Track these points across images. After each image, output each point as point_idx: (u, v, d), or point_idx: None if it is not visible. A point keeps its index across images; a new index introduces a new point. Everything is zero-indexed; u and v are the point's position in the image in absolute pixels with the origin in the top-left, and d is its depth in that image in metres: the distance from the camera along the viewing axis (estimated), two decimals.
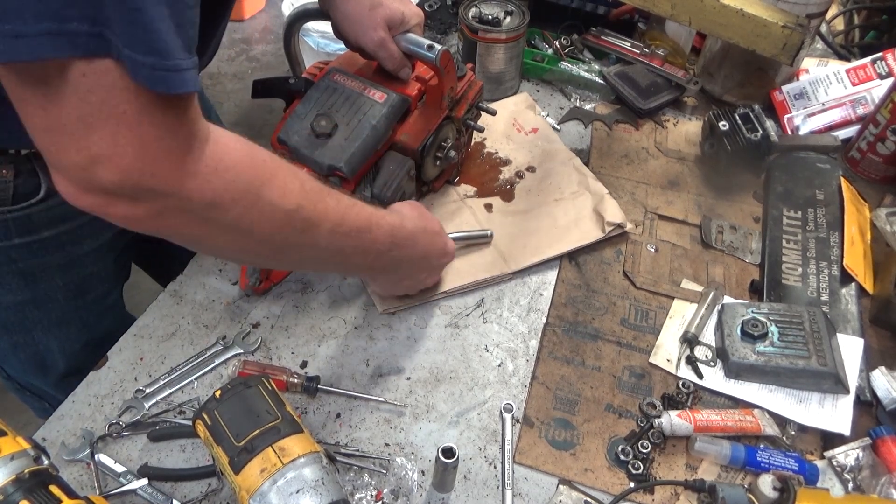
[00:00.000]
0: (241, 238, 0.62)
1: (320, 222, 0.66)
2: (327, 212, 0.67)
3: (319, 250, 0.70)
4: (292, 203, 0.63)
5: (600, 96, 1.31)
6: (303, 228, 0.65)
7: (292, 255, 0.70)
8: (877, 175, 1.16)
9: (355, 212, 0.72)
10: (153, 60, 0.48)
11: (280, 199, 0.62)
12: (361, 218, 0.73)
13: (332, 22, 0.94)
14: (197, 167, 0.55)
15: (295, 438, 0.66)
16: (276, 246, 0.66)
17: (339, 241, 0.70)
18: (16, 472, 0.57)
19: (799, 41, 1.08)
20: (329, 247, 0.70)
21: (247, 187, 0.59)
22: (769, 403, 0.86)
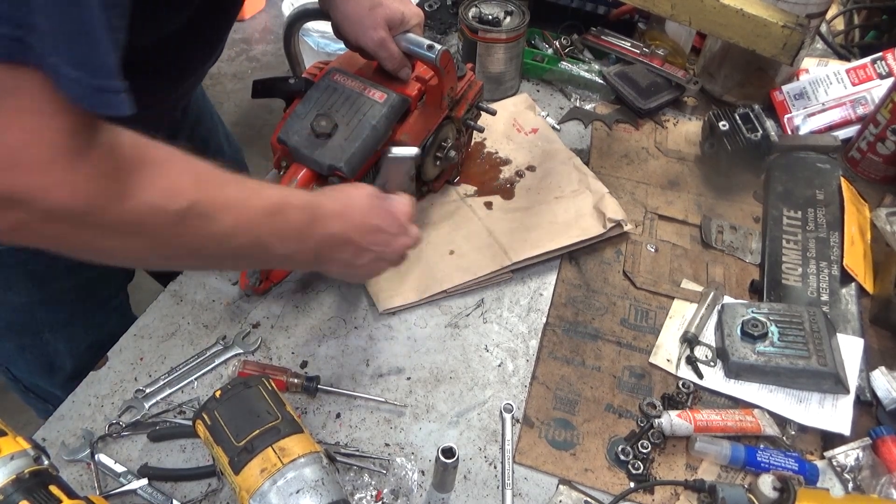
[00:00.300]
0: (129, 241, 0.59)
1: (220, 214, 0.62)
2: (228, 202, 0.63)
3: (230, 243, 0.65)
4: (183, 201, 0.59)
5: (600, 96, 1.31)
6: (201, 224, 0.61)
7: (200, 253, 0.66)
8: (877, 175, 1.16)
9: (263, 195, 0.68)
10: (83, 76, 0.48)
11: (165, 201, 0.58)
12: (270, 200, 0.68)
13: (332, 22, 0.94)
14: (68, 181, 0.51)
15: (295, 438, 0.66)
16: (177, 247, 0.63)
17: (249, 230, 0.66)
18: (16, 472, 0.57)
19: (799, 41, 1.08)
20: (240, 237, 0.65)
21: (124, 191, 0.55)
22: (769, 403, 0.86)
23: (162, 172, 0.58)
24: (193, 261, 0.71)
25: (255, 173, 1.41)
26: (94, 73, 0.48)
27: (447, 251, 1.01)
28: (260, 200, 0.67)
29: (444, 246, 1.02)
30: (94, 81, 0.48)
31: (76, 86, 0.47)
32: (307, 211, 0.72)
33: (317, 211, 0.73)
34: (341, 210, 0.75)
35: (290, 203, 0.70)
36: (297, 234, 0.71)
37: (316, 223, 0.72)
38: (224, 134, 1.31)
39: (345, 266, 0.78)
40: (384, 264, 0.82)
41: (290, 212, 0.70)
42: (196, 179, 0.61)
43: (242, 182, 0.67)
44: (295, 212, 0.70)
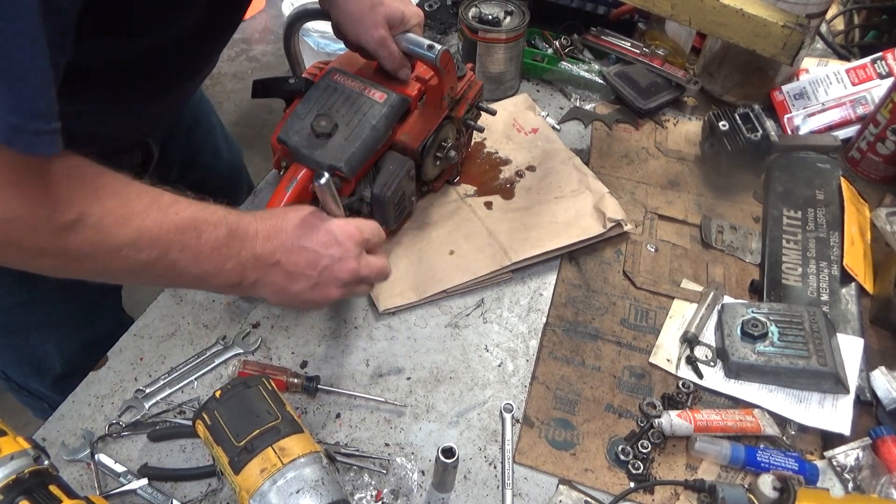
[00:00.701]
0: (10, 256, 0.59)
1: (117, 227, 0.60)
2: (127, 214, 0.61)
3: (130, 258, 0.62)
4: (72, 213, 0.57)
5: (600, 96, 1.31)
6: (92, 237, 0.59)
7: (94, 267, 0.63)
8: (877, 175, 1.16)
9: (176, 210, 0.64)
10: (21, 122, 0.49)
11: (49, 210, 0.56)
12: (182, 216, 0.64)
13: (332, 21, 0.94)
14: None
15: (295, 438, 0.66)
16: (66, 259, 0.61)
17: (152, 245, 0.63)
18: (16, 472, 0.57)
19: (799, 41, 1.08)
20: (140, 252, 0.62)
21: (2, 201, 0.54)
22: (769, 403, 0.86)
23: (55, 182, 0.56)
24: (81, 274, 0.66)
25: (256, 173, 1.42)
26: (31, 118, 0.50)
27: (447, 251, 1.01)
28: (169, 216, 0.64)
29: (444, 246, 1.02)
30: (31, 125, 0.50)
31: (12, 131, 0.49)
32: (226, 229, 0.68)
33: (238, 230, 0.69)
34: (268, 230, 0.71)
35: (207, 220, 0.67)
36: (212, 253, 0.67)
37: (236, 242, 0.68)
38: (223, 136, 1.31)
39: (278, 291, 0.73)
40: (330, 291, 0.75)
41: (206, 229, 0.66)
42: (93, 191, 0.59)
43: (155, 196, 0.64)
44: (211, 229, 0.66)
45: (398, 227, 1.04)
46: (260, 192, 1.11)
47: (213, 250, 0.67)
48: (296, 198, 0.89)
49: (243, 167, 1.39)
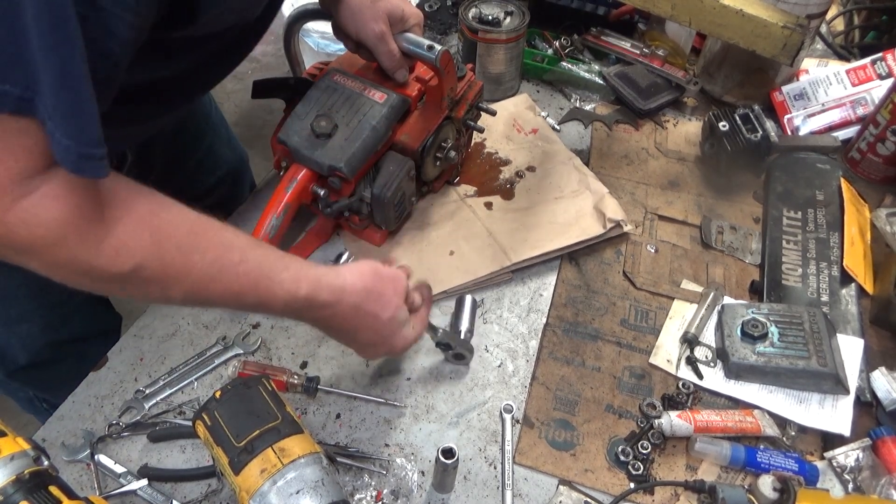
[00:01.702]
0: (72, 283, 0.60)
1: (173, 283, 0.61)
2: (188, 273, 0.61)
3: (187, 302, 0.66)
4: (128, 264, 0.58)
5: (600, 97, 1.31)
6: (147, 289, 0.61)
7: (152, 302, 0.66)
8: (877, 175, 1.16)
9: (237, 272, 0.64)
10: (73, 145, 0.52)
11: (108, 263, 0.58)
12: (242, 282, 0.64)
13: (332, 17, 0.94)
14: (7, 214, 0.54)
15: (295, 439, 0.66)
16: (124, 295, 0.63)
17: (207, 303, 0.65)
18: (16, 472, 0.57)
19: (799, 41, 1.08)
20: (194, 303, 0.66)
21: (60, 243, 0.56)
22: (769, 404, 0.86)
23: (111, 230, 0.57)
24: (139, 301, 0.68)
25: (256, 174, 1.42)
26: (83, 143, 0.53)
27: (447, 252, 1.01)
28: (229, 278, 0.63)
29: (445, 246, 1.02)
30: (82, 150, 0.53)
31: (65, 152, 0.52)
32: (284, 305, 0.67)
33: (299, 309, 0.69)
34: (341, 323, 0.73)
35: (269, 291, 0.66)
36: (267, 312, 0.71)
37: (291, 315, 0.70)
38: (225, 138, 1.30)
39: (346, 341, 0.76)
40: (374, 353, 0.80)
41: (263, 299, 0.66)
42: (155, 241, 0.60)
43: (223, 248, 0.64)
44: (267, 300, 0.66)
45: (398, 228, 1.04)
46: (260, 192, 1.11)
47: (285, 306, 0.68)
48: (296, 198, 0.89)
49: (246, 168, 1.38)
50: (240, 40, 0.85)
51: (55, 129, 0.52)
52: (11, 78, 0.50)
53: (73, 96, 0.52)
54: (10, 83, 0.50)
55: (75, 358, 1.04)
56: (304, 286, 0.68)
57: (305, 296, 0.68)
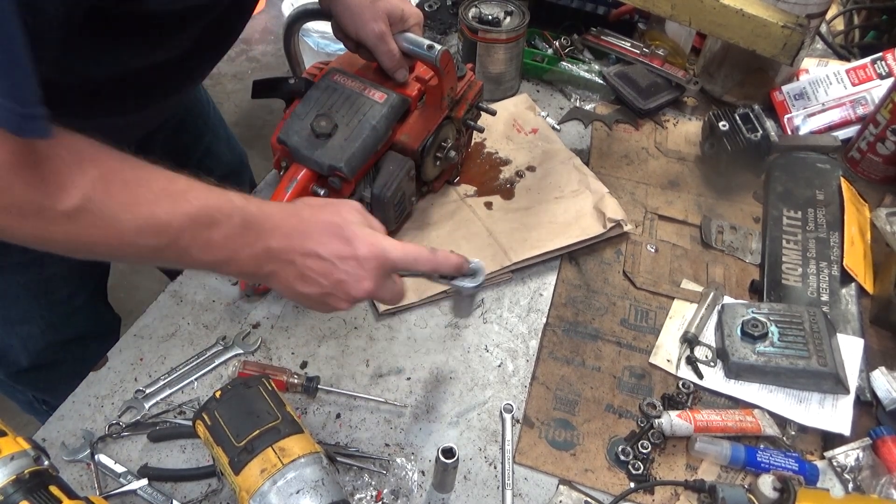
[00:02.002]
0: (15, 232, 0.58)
1: (122, 214, 0.60)
2: (134, 201, 0.60)
3: (136, 244, 0.62)
4: (74, 199, 0.57)
5: (600, 96, 1.31)
6: (95, 224, 0.59)
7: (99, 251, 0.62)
8: (877, 175, 1.16)
9: (189, 198, 0.63)
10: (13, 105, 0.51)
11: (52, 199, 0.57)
12: (194, 205, 0.63)
13: (332, 17, 0.94)
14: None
15: (295, 439, 0.66)
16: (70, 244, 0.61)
17: (160, 233, 0.62)
18: (16, 472, 0.57)
19: (799, 41, 1.08)
20: (147, 239, 0.62)
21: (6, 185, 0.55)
22: (769, 404, 0.86)
23: (59, 168, 0.57)
24: (102, 257, 0.67)
25: (256, 174, 1.42)
26: (20, 102, 0.52)
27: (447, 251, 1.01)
28: (180, 204, 0.62)
29: (445, 246, 1.02)
30: (21, 110, 0.52)
31: (5, 112, 0.51)
32: (241, 219, 0.66)
33: (254, 222, 0.67)
34: (288, 228, 0.69)
35: (221, 209, 0.65)
36: (224, 242, 0.65)
37: (250, 234, 0.67)
38: (224, 137, 1.30)
39: (288, 288, 0.70)
40: (339, 304, 0.71)
41: (219, 219, 0.65)
42: (99, 176, 0.59)
43: (167, 182, 0.63)
44: (225, 219, 0.65)
45: (398, 228, 1.04)
46: (260, 192, 1.11)
47: (226, 240, 0.65)
48: (296, 197, 0.89)
49: (246, 168, 1.39)
50: (221, 23, 0.83)
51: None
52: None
53: (5, 56, 0.50)
54: None
55: (75, 359, 1.04)
56: (255, 202, 0.67)
57: (258, 208, 0.67)
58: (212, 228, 0.64)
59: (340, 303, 0.71)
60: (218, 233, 0.64)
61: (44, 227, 0.58)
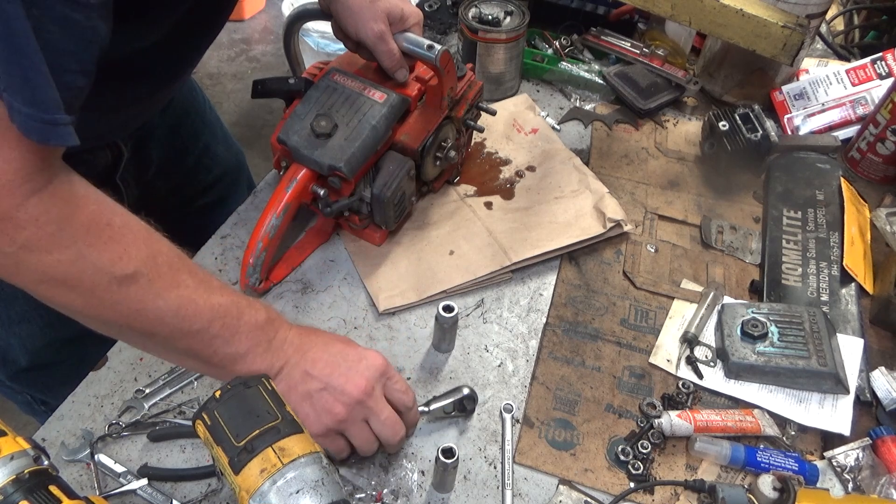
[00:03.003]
0: (62, 291, 0.62)
1: (167, 291, 0.64)
2: (177, 281, 0.65)
3: (172, 324, 0.66)
4: (129, 268, 0.61)
5: (600, 96, 1.31)
6: (143, 295, 0.63)
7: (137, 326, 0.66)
8: (877, 175, 1.16)
9: (219, 293, 0.68)
10: (30, 111, 0.52)
11: (110, 263, 0.61)
12: (226, 299, 0.68)
13: (332, 17, 0.94)
14: (16, 211, 0.55)
15: (295, 439, 0.66)
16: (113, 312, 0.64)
17: (196, 315, 0.66)
18: (15, 472, 0.57)
19: (799, 41, 1.08)
20: (183, 321, 0.66)
21: (69, 242, 0.58)
22: (769, 404, 0.86)
23: (114, 236, 0.61)
24: (131, 335, 0.70)
25: (256, 173, 1.42)
26: (43, 108, 0.53)
27: (447, 251, 1.01)
28: (214, 295, 0.67)
29: (444, 246, 1.02)
30: (45, 115, 0.53)
31: (28, 120, 0.52)
32: (265, 315, 0.71)
33: (276, 319, 0.73)
34: (302, 329, 0.75)
35: (250, 305, 0.70)
36: (250, 332, 0.70)
37: (271, 327, 0.72)
38: (221, 136, 1.30)
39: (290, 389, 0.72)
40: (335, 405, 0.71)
41: (247, 311, 0.70)
42: (149, 253, 0.63)
43: (204, 277, 0.68)
44: (252, 312, 0.70)
45: (398, 227, 1.04)
46: (260, 192, 1.11)
47: (251, 331, 0.70)
48: (296, 197, 0.89)
49: (243, 167, 1.38)
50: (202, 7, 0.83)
51: (12, 98, 0.52)
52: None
53: (24, 61, 0.51)
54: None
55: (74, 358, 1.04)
56: (273, 311, 0.74)
57: (276, 314, 0.74)
58: (240, 319, 0.69)
59: (336, 405, 0.72)
60: (245, 323, 0.69)
61: (96, 294, 0.62)
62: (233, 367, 0.71)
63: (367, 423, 0.74)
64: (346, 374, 0.72)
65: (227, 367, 0.71)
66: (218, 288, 0.69)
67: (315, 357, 0.73)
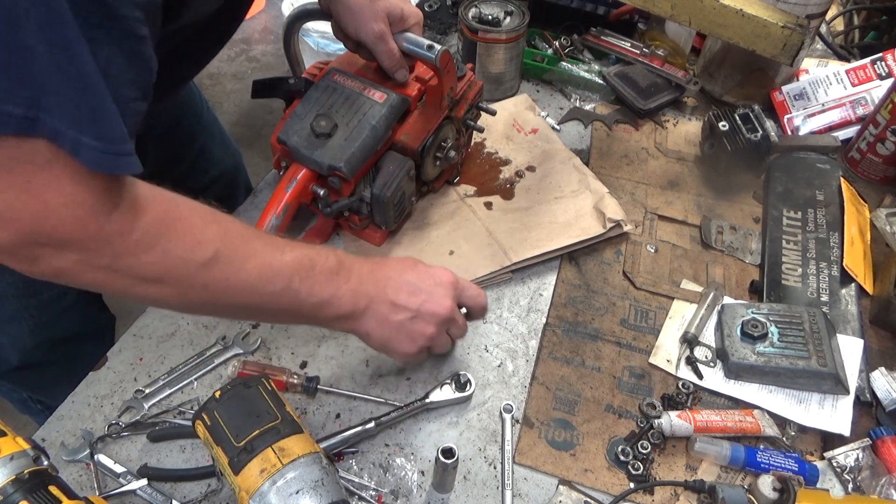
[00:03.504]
0: (155, 288, 0.64)
1: (246, 262, 0.67)
2: (252, 251, 0.68)
3: (259, 290, 0.69)
4: (208, 252, 0.64)
5: (600, 96, 1.31)
6: (227, 272, 0.66)
7: (229, 301, 0.69)
8: (877, 175, 1.16)
9: (288, 247, 0.71)
10: (100, 145, 0.55)
11: (190, 252, 0.64)
12: (295, 252, 0.71)
13: (332, 17, 0.94)
14: (101, 232, 0.59)
15: (295, 439, 0.66)
16: (204, 295, 0.67)
17: (277, 277, 0.69)
18: (15, 472, 0.57)
19: (799, 42, 1.08)
20: (268, 284, 0.69)
21: (152, 243, 0.62)
22: (769, 404, 0.86)
23: (187, 226, 0.64)
24: (225, 310, 0.75)
25: (256, 173, 1.42)
26: (111, 141, 0.56)
27: (447, 251, 1.01)
28: (285, 253, 0.70)
29: (444, 246, 1.02)
30: (112, 148, 0.56)
31: (97, 154, 0.55)
32: (335, 260, 0.74)
33: (345, 261, 0.75)
34: (371, 265, 0.77)
35: (319, 253, 0.73)
36: (327, 280, 0.72)
37: (345, 271, 0.74)
38: (219, 137, 1.29)
39: (381, 322, 0.76)
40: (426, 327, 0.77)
41: (318, 260, 0.72)
42: (220, 231, 0.66)
43: (269, 238, 0.72)
44: (323, 260, 0.73)
45: (398, 228, 1.04)
46: (260, 192, 1.11)
47: (328, 278, 0.73)
48: (296, 197, 0.89)
49: (241, 169, 1.38)
50: (217, 22, 0.85)
51: (80, 135, 0.54)
52: (15, 98, 0.51)
53: (93, 99, 0.54)
54: (13, 104, 0.51)
55: (68, 358, 1.04)
56: (340, 251, 0.76)
57: (344, 253, 0.75)
58: (314, 268, 0.72)
59: (427, 326, 0.77)
60: (320, 272, 0.72)
61: (186, 282, 0.65)
62: (323, 315, 0.74)
63: (448, 332, 0.81)
64: (431, 298, 0.77)
65: (318, 316, 0.74)
66: (286, 245, 0.71)
67: (396, 288, 0.76)
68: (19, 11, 0.49)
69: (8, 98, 0.51)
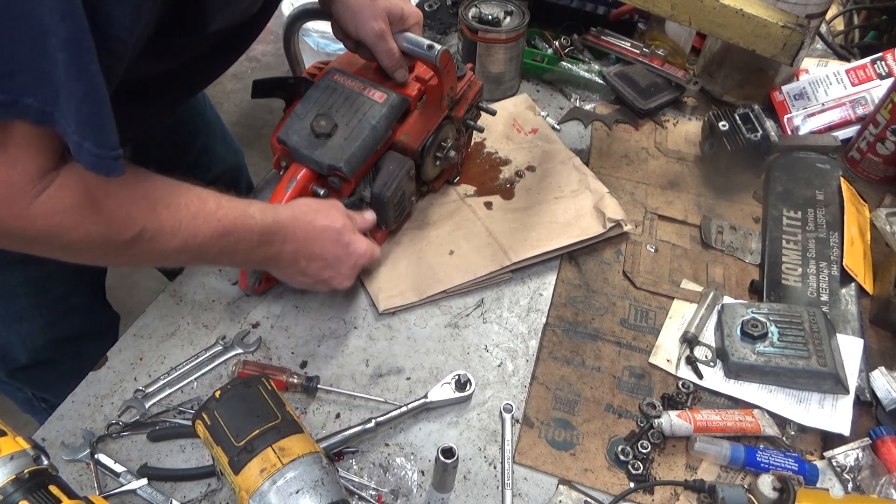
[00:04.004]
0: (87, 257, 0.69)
1: (168, 238, 0.70)
2: (177, 225, 0.71)
3: (176, 259, 0.76)
4: (133, 230, 0.67)
5: (600, 96, 1.31)
6: (148, 247, 0.70)
7: (145, 264, 0.76)
8: (876, 175, 1.16)
9: (218, 216, 0.74)
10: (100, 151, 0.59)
11: (116, 233, 0.67)
12: (223, 223, 0.75)
13: (332, 16, 0.94)
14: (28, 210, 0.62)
15: (295, 438, 0.66)
16: (123, 262, 0.73)
17: (196, 250, 0.74)
18: (15, 472, 0.57)
19: (799, 41, 1.08)
20: (185, 255, 0.75)
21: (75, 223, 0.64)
22: (769, 404, 0.86)
23: (117, 203, 0.66)
24: (147, 267, 0.86)
25: (256, 173, 1.42)
26: (110, 149, 0.60)
27: (447, 251, 1.01)
28: (212, 224, 0.74)
29: (444, 246, 1.02)
30: (110, 154, 0.60)
31: (95, 158, 0.59)
32: (259, 235, 0.78)
33: (268, 233, 0.79)
34: (299, 236, 0.82)
35: (246, 225, 0.77)
36: (245, 253, 0.79)
37: (265, 245, 0.80)
38: (221, 136, 1.29)
39: (289, 276, 0.87)
40: (337, 283, 0.88)
41: (242, 234, 0.77)
42: (150, 205, 0.69)
43: (201, 204, 0.74)
44: (246, 235, 0.77)
45: (398, 227, 1.04)
46: (260, 191, 1.11)
47: (247, 250, 0.79)
48: (296, 197, 0.89)
49: (243, 167, 1.38)
50: (236, 37, 0.86)
51: (83, 140, 0.58)
52: (35, 92, 0.56)
53: (98, 111, 0.59)
54: (34, 97, 0.56)
55: (74, 357, 1.04)
56: (269, 213, 0.80)
57: (273, 219, 0.80)
58: (236, 245, 0.77)
59: (354, 270, 0.89)
60: (240, 248, 0.78)
61: (105, 254, 0.70)
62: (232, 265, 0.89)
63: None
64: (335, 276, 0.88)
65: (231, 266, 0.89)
66: (213, 214, 0.74)
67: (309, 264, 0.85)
68: (48, 25, 0.54)
69: (27, 92, 0.56)
